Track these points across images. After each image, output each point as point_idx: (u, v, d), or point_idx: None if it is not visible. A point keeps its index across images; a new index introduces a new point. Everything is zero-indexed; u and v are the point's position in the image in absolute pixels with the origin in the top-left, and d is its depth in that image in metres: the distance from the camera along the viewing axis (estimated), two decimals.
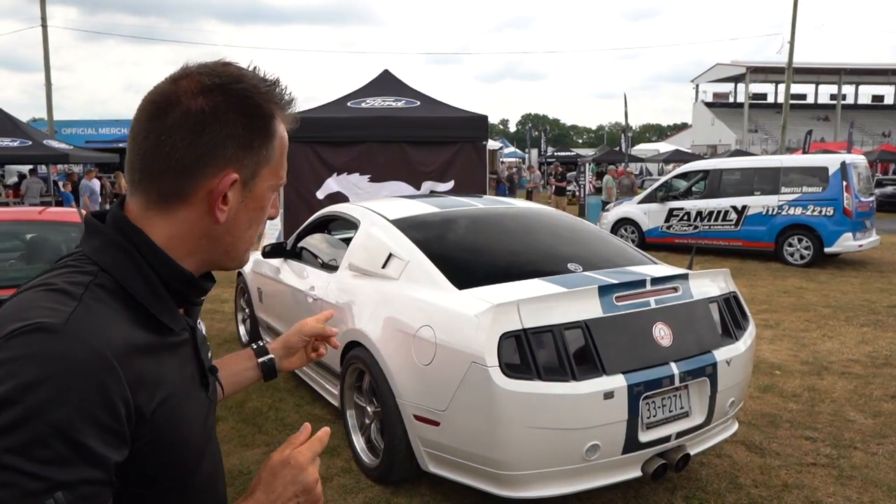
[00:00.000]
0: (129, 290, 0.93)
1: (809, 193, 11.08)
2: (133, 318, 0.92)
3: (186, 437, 0.96)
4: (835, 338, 6.65)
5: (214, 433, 1.10)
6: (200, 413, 1.02)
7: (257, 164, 0.99)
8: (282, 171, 1.04)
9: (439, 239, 3.98)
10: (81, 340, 0.82)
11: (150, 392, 0.88)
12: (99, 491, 0.82)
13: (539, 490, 3.03)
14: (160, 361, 0.93)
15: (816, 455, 3.97)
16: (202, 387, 1.04)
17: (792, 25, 27.63)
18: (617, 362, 3.05)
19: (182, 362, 0.99)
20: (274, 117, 1.00)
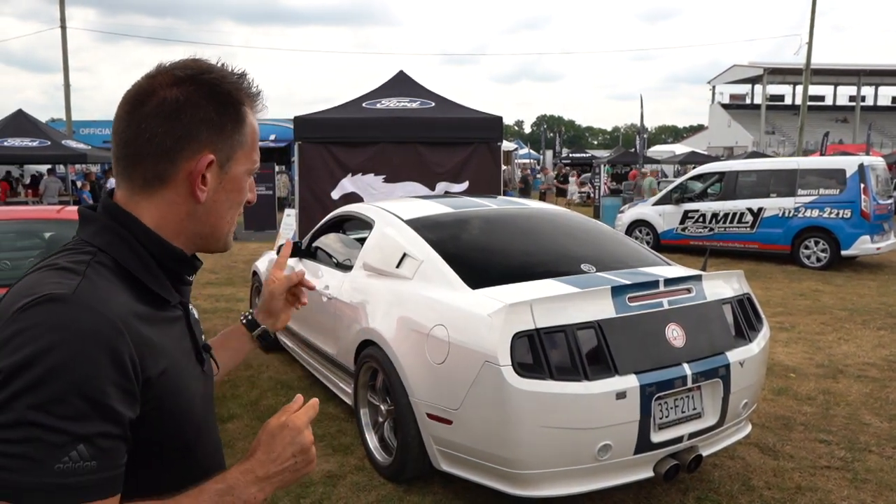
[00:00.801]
0: (126, 267, 1.00)
1: (826, 196, 10.99)
2: (132, 291, 0.99)
3: (187, 407, 1.03)
4: (851, 341, 6.60)
5: (212, 409, 1.18)
6: (198, 387, 1.09)
7: (231, 147, 1.07)
8: (254, 155, 1.12)
9: (453, 239, 4.00)
10: (90, 307, 0.89)
11: (154, 358, 0.95)
12: (117, 445, 0.88)
13: (551, 489, 3.04)
14: (160, 332, 1.00)
15: (830, 458, 3.95)
16: (198, 362, 1.12)
17: (810, 26, 27.41)
18: (629, 362, 3.05)
19: (179, 336, 1.07)
20: (243, 104, 1.08)
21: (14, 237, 4.88)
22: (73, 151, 17.31)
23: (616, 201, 17.90)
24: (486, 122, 9.74)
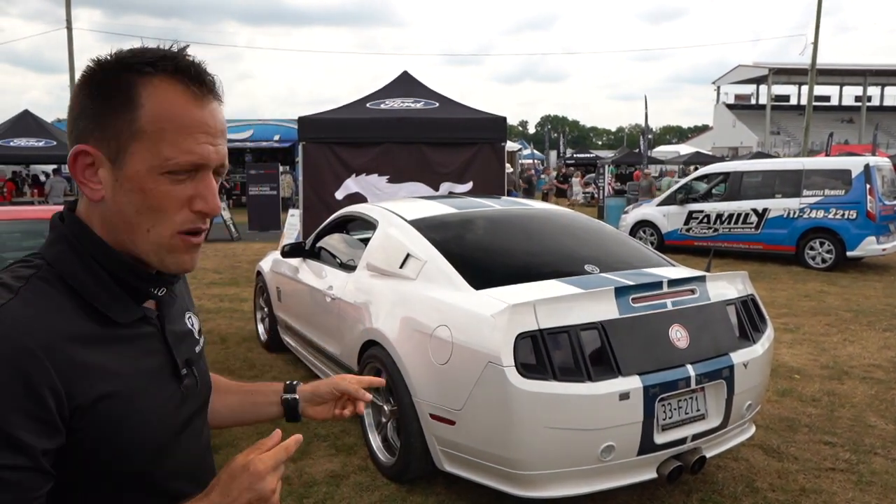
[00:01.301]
0: (71, 283, 0.93)
1: (832, 196, 10.95)
2: (78, 309, 0.93)
3: (140, 431, 0.95)
4: (856, 342, 6.58)
5: (195, 426, 1.09)
6: (167, 406, 1.01)
7: (117, 137, 0.92)
8: (166, 149, 0.92)
9: (457, 239, 4.00)
10: (12, 335, 0.84)
11: (90, 382, 0.89)
12: (25, 476, 0.83)
13: (554, 490, 3.04)
14: (107, 353, 0.93)
15: (835, 460, 3.93)
16: (174, 378, 1.04)
17: (816, 26, 27.33)
18: (633, 363, 3.05)
19: (140, 355, 0.98)
20: (134, 86, 0.92)
21: (20, 237, 4.90)
22: None
23: (620, 202, 17.87)
24: (490, 122, 9.74)
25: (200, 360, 1.15)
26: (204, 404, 1.15)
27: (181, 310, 1.13)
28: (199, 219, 0.97)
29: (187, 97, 0.93)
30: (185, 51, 0.95)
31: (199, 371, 1.12)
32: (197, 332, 1.17)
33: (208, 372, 1.19)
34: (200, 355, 1.15)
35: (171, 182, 0.93)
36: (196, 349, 1.13)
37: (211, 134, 0.95)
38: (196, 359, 1.12)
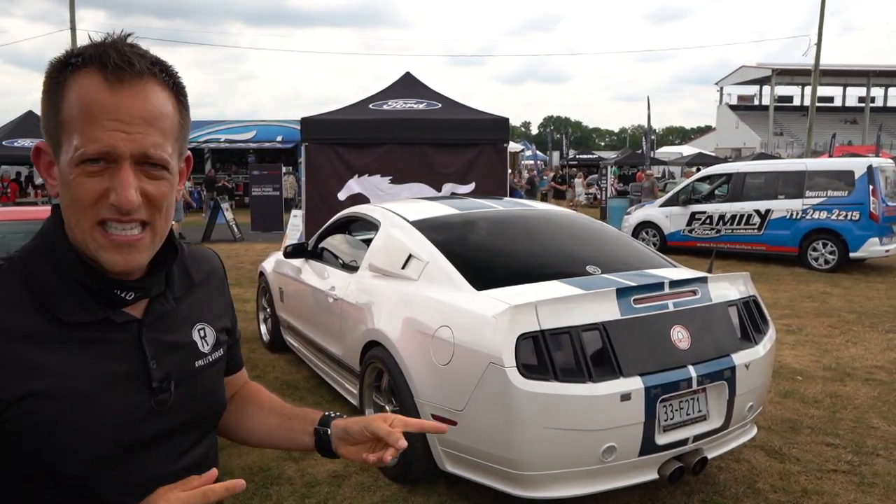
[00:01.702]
0: (32, 278, 0.94)
1: (835, 197, 10.94)
2: (34, 305, 0.93)
3: (77, 436, 0.91)
4: (859, 344, 6.57)
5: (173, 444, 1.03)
6: (124, 417, 0.96)
7: (54, 133, 0.93)
8: (76, 139, 0.89)
9: (459, 240, 4.01)
10: None
11: (18, 377, 0.88)
12: None
13: (555, 490, 3.04)
14: (52, 352, 0.91)
15: (837, 461, 3.93)
16: (145, 389, 0.99)
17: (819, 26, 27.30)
18: (634, 364, 3.05)
19: (99, 359, 0.95)
20: (64, 81, 0.90)
21: (23, 237, 4.91)
22: None
23: (623, 203, 17.87)
24: (492, 123, 9.74)
25: (198, 375, 1.07)
26: (194, 423, 1.07)
27: (188, 320, 1.09)
28: (113, 211, 0.90)
29: (99, 84, 0.89)
30: (119, 39, 0.92)
31: (192, 386, 1.05)
32: (209, 346, 1.10)
33: (216, 389, 1.13)
34: (201, 371, 1.08)
35: (86, 174, 0.90)
36: (196, 363, 1.07)
37: (123, 121, 0.89)
38: (188, 373, 1.05)
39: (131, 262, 0.94)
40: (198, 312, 1.12)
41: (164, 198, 0.95)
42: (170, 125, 0.94)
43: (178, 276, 1.10)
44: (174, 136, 0.96)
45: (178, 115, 0.97)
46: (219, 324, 1.16)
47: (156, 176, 0.93)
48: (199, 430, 1.09)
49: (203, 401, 1.09)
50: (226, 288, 1.25)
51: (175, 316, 1.06)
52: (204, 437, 1.11)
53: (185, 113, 0.99)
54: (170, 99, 0.95)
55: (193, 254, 1.18)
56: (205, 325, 1.11)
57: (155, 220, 0.95)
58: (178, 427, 1.04)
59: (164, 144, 0.93)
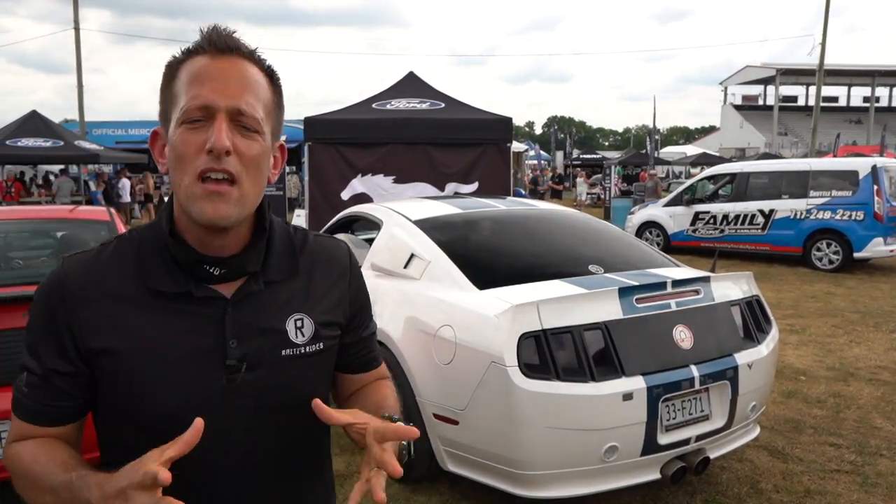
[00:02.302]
0: (141, 250, 1.07)
1: (839, 197, 10.91)
2: (136, 273, 1.05)
3: (147, 394, 1.01)
4: (862, 344, 6.55)
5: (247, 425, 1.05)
6: (195, 388, 1.02)
7: (167, 109, 1.04)
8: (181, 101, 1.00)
9: (461, 240, 4.00)
10: (57, 275, 1.05)
11: (108, 333, 1.02)
12: (38, 380, 1.03)
13: (557, 490, 3.04)
14: (139, 315, 1.03)
15: (840, 462, 3.92)
16: (220, 366, 1.03)
17: (824, 26, 27.23)
18: (636, 364, 3.04)
19: (182, 329, 1.03)
20: (177, 66, 1.03)
21: (27, 237, 4.93)
22: (86, 152, 17.45)
23: (626, 202, 17.85)
24: (495, 122, 9.74)
25: (283, 363, 1.08)
26: (276, 410, 1.08)
27: (286, 308, 1.10)
28: (212, 159, 0.98)
29: (205, 57, 1.01)
30: (221, 28, 1.04)
31: (274, 373, 1.07)
32: (305, 337, 1.10)
33: (307, 381, 1.10)
34: (288, 360, 1.08)
35: (189, 130, 0.99)
36: (282, 351, 1.08)
37: (220, 80, 0.99)
38: (270, 360, 1.07)
39: (218, 210, 0.99)
40: (299, 302, 1.12)
41: (253, 157, 1.01)
42: (263, 95, 1.03)
43: (280, 261, 1.12)
44: (268, 108, 1.05)
45: (272, 94, 1.06)
46: (324, 317, 1.14)
47: (248, 135, 1.01)
48: (284, 418, 1.09)
49: (286, 390, 1.09)
50: (348, 283, 1.20)
51: (269, 300, 1.09)
52: (294, 428, 1.10)
53: (278, 98, 1.08)
54: (265, 79, 1.05)
55: (315, 244, 1.20)
56: (304, 315, 1.11)
57: (242, 177, 1.00)
58: (255, 409, 1.06)
59: (257, 107, 1.01)
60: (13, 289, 3.39)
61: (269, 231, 1.11)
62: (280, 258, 1.12)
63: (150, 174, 20.85)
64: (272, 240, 1.11)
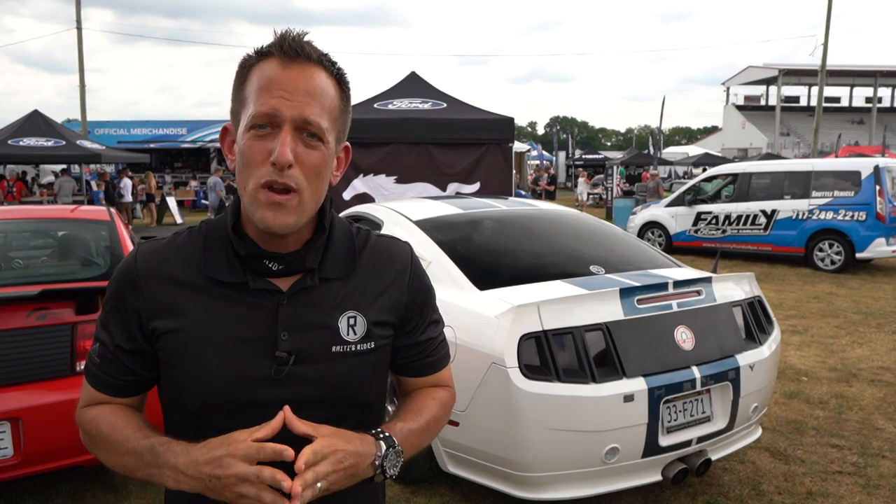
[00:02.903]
0: (206, 240, 1.14)
1: (841, 198, 10.88)
2: (199, 262, 1.12)
3: (198, 377, 1.08)
4: (865, 345, 6.53)
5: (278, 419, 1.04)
6: (244, 375, 1.08)
7: (237, 110, 1.08)
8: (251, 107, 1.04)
9: (462, 240, 3.99)
10: (130, 260, 1.14)
11: (170, 315, 1.09)
12: (109, 358, 1.14)
13: (557, 492, 3.02)
14: (196, 301, 1.10)
15: (843, 463, 3.90)
16: (268, 356, 1.08)
17: (826, 27, 27.18)
18: (637, 365, 3.03)
19: (235, 316, 1.09)
20: (251, 67, 1.06)
21: (28, 236, 4.92)
22: (88, 151, 17.45)
23: (628, 203, 17.83)
24: (497, 122, 9.73)
25: (333, 359, 1.10)
26: (325, 405, 1.10)
27: (341, 306, 1.13)
28: (275, 172, 1.01)
29: (276, 65, 1.04)
30: (298, 34, 1.06)
31: (323, 368, 1.10)
32: (357, 335, 1.12)
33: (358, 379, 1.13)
34: (338, 356, 1.11)
35: (256, 137, 1.03)
36: (333, 348, 1.10)
37: (288, 90, 1.02)
38: (320, 354, 1.10)
39: (278, 220, 1.03)
40: (353, 300, 1.14)
41: (314, 166, 1.05)
42: (330, 103, 1.07)
43: (337, 259, 1.15)
44: (333, 115, 1.08)
45: (339, 100, 1.09)
46: (378, 317, 1.16)
47: (311, 145, 1.05)
48: (334, 414, 1.11)
49: (335, 386, 1.11)
50: (406, 285, 1.20)
51: (324, 297, 1.13)
52: (342, 424, 1.09)
53: (346, 102, 1.11)
54: (333, 85, 1.08)
55: (377, 244, 1.22)
56: (357, 313, 1.14)
57: (303, 186, 1.04)
58: (304, 403, 1.07)
59: (323, 116, 1.05)
60: (13, 289, 3.39)
61: (330, 229, 1.15)
62: (338, 256, 1.15)
63: (151, 174, 20.87)
64: (332, 238, 1.15)
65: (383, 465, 1.08)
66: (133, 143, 26.83)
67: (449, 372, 1.31)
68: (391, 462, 1.09)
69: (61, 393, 3.08)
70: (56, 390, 3.08)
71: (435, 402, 1.24)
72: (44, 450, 3.04)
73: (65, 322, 3.16)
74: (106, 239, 4.20)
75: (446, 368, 1.30)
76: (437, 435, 1.26)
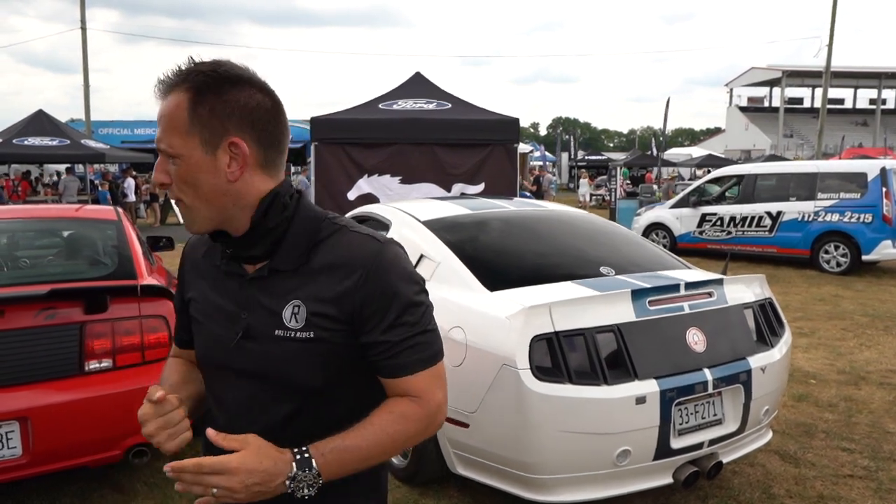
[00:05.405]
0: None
1: (847, 200, 10.85)
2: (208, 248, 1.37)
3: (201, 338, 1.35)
4: (873, 347, 6.50)
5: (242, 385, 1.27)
6: (220, 340, 1.29)
7: None
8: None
9: (471, 240, 3.97)
10: (186, 244, 1.47)
11: (192, 288, 1.39)
12: (177, 313, 1.48)
13: (568, 495, 3.00)
14: (204, 276, 1.36)
15: (853, 467, 3.88)
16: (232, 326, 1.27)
17: (831, 28, 27.13)
18: (649, 367, 3.01)
19: (220, 291, 1.31)
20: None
21: (33, 236, 4.91)
22: (92, 151, 17.47)
23: (632, 204, 17.78)
24: (502, 123, 9.71)
25: (275, 342, 1.22)
26: (270, 382, 1.24)
27: (288, 294, 1.23)
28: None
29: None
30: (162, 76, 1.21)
31: (266, 348, 1.23)
32: (298, 323, 1.21)
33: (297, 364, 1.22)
34: (279, 340, 1.22)
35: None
36: (275, 331, 1.22)
37: (158, 123, 1.20)
38: (265, 335, 1.23)
39: (184, 223, 1.27)
40: (299, 290, 1.23)
41: (182, 177, 1.19)
42: (177, 120, 1.17)
43: (291, 253, 1.24)
44: (183, 128, 1.17)
45: (188, 110, 1.17)
46: (321, 309, 1.21)
47: (174, 162, 1.20)
48: (277, 394, 1.24)
49: (275, 366, 1.23)
50: (360, 280, 1.21)
51: (275, 286, 1.24)
52: (282, 403, 1.24)
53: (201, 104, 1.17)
54: (184, 98, 1.17)
55: (341, 240, 1.26)
56: (301, 303, 1.22)
57: (184, 195, 1.21)
58: (252, 375, 1.26)
59: (173, 135, 1.18)
60: (22, 288, 3.38)
61: (289, 224, 1.25)
62: (291, 250, 1.24)
63: None
64: (288, 233, 1.24)
65: (293, 485, 1.12)
66: (137, 142, 26.85)
67: (424, 383, 1.25)
68: (304, 483, 1.12)
69: (70, 393, 3.07)
70: (64, 390, 3.07)
71: (391, 417, 1.22)
72: (52, 450, 3.03)
73: (73, 322, 3.14)
74: (113, 239, 4.19)
75: (419, 378, 1.24)
76: (400, 449, 1.26)
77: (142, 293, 3.30)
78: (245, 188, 1.20)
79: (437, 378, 1.27)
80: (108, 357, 3.19)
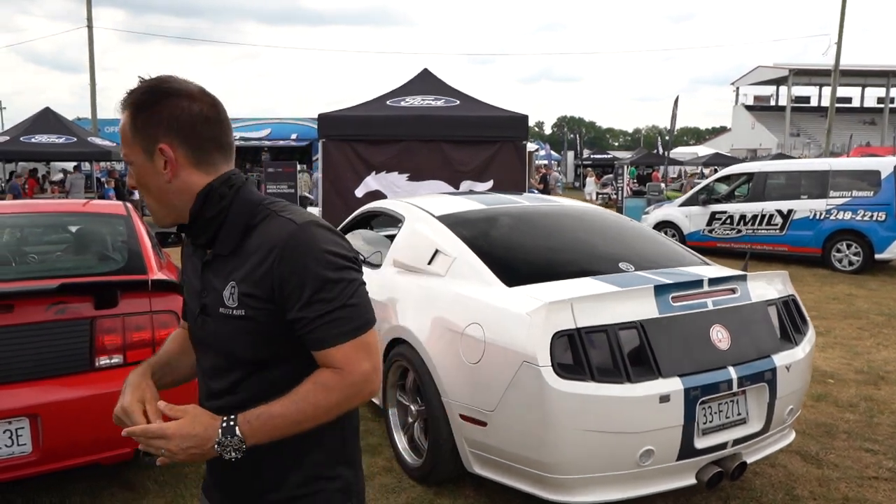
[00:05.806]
0: None
1: (860, 198, 10.73)
2: None
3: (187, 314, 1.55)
4: (890, 346, 6.40)
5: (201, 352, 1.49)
6: (192, 313, 1.47)
7: None
8: None
9: (486, 236, 3.89)
10: None
11: (183, 266, 1.56)
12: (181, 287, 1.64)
13: (589, 495, 2.93)
14: (188, 259, 1.52)
15: (878, 468, 3.79)
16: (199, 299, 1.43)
17: (840, 26, 26.95)
18: (673, 364, 2.93)
19: (191, 272, 1.49)
20: None
21: (41, 231, 4.85)
22: (98, 149, 17.43)
23: (639, 202, 17.68)
24: (511, 120, 9.63)
25: (221, 319, 1.37)
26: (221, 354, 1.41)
27: (229, 275, 1.37)
28: None
29: None
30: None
31: (216, 324, 1.39)
32: (234, 301, 1.35)
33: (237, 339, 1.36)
34: (223, 317, 1.37)
35: None
36: (220, 309, 1.37)
37: None
38: (214, 313, 1.39)
39: (152, 219, 1.47)
40: (235, 272, 1.36)
41: (137, 180, 1.40)
42: (124, 134, 1.37)
43: (228, 238, 1.38)
44: (128, 139, 1.36)
45: (129, 125, 1.35)
46: (248, 289, 1.34)
47: (132, 168, 1.40)
48: (230, 364, 1.40)
49: (221, 341, 1.39)
50: (275, 261, 1.31)
51: (219, 268, 1.39)
52: (230, 372, 1.40)
53: (138, 118, 1.34)
54: (127, 114, 1.36)
55: (266, 226, 1.37)
56: (235, 284, 1.36)
57: (143, 195, 1.41)
58: (210, 346, 1.44)
59: (125, 147, 1.38)
60: (32, 283, 3.31)
61: (227, 213, 1.38)
62: (227, 236, 1.38)
63: None
64: (225, 222, 1.38)
65: (220, 449, 1.27)
66: None
67: (346, 355, 1.32)
68: (230, 447, 1.27)
69: (80, 389, 3.00)
70: (75, 386, 3.00)
71: (314, 387, 1.31)
72: (62, 447, 2.96)
73: (84, 317, 3.08)
74: (123, 234, 4.13)
75: (340, 350, 1.31)
76: (326, 417, 1.32)
77: (152, 288, 3.24)
78: (183, 185, 1.36)
79: (361, 350, 1.32)
80: (118, 353, 3.12)
